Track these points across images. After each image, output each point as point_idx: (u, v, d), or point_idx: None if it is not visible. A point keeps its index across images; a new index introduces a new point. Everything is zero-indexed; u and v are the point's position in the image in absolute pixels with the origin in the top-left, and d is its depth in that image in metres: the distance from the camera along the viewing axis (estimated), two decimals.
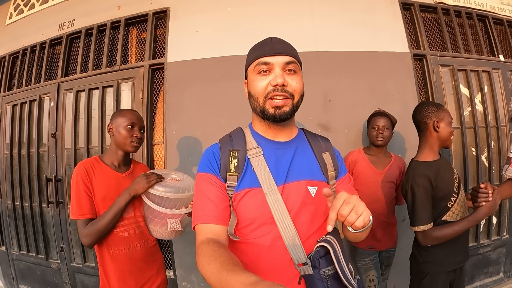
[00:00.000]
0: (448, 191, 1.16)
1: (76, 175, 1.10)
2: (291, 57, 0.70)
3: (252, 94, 0.71)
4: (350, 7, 1.98)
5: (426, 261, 1.20)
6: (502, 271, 2.20)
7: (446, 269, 1.18)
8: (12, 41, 2.56)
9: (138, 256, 1.16)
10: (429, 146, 1.21)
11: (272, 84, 0.67)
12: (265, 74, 0.69)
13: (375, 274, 1.64)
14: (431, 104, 1.23)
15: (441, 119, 1.18)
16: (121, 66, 2.08)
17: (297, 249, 0.66)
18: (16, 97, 2.46)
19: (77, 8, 2.30)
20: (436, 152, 1.22)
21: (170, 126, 1.92)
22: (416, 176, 1.15)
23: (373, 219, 1.71)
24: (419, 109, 1.24)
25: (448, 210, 1.17)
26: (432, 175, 1.15)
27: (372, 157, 1.67)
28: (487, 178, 2.16)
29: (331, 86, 1.89)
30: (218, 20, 1.95)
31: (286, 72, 0.69)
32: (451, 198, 1.17)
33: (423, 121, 1.21)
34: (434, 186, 1.14)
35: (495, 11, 2.35)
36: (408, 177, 1.20)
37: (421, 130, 1.25)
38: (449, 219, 1.16)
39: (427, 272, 1.19)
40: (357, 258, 1.69)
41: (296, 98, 0.70)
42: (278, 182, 0.69)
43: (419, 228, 1.13)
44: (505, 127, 2.23)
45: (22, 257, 2.38)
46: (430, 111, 1.20)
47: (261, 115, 0.71)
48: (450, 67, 2.12)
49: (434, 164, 1.18)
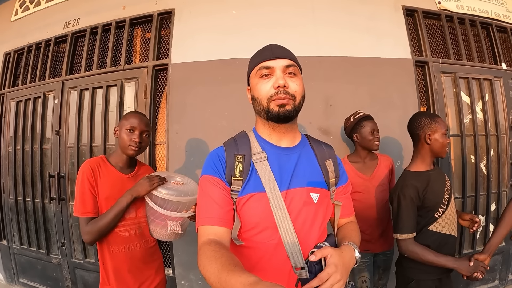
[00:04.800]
0: (436, 202, 1.18)
1: (82, 173, 1.12)
2: (291, 60, 0.73)
3: (256, 97, 0.73)
4: (353, 12, 1.98)
5: (411, 267, 1.21)
6: (497, 278, 2.21)
7: (431, 277, 1.19)
8: (17, 37, 2.58)
9: (137, 255, 1.18)
10: (421, 157, 1.23)
11: (275, 87, 0.70)
12: (267, 78, 0.71)
13: (367, 276, 1.65)
14: (424, 116, 1.23)
15: (434, 132, 1.18)
16: (125, 66, 2.10)
17: (296, 253, 0.68)
18: (20, 93, 2.48)
19: (82, 6, 2.31)
20: (428, 163, 1.23)
21: (172, 127, 1.94)
22: (404, 186, 1.17)
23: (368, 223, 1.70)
24: (413, 121, 1.26)
25: (435, 220, 1.18)
26: (421, 186, 1.16)
27: (358, 164, 1.64)
28: (485, 186, 2.17)
29: (333, 91, 1.90)
30: (223, 22, 1.97)
31: (286, 74, 0.71)
32: (438, 209, 1.18)
33: (416, 132, 1.23)
34: (421, 197, 1.16)
35: (500, 18, 2.35)
36: (397, 186, 1.22)
37: (414, 141, 1.26)
38: (435, 230, 1.18)
39: (411, 278, 1.21)
40: None
41: (297, 99, 0.72)
42: (281, 188, 0.71)
43: (401, 236, 1.16)
44: (505, 135, 2.23)
45: (23, 252, 2.42)
46: (423, 123, 1.20)
47: (265, 116, 0.73)
48: (452, 74, 2.13)
49: (425, 175, 1.20)
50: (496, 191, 2.19)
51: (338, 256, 0.62)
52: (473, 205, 2.14)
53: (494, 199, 2.20)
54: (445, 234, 1.19)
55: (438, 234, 1.18)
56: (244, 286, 0.46)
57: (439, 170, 1.27)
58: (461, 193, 2.10)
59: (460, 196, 2.11)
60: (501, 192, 2.19)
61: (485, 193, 2.17)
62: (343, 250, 0.68)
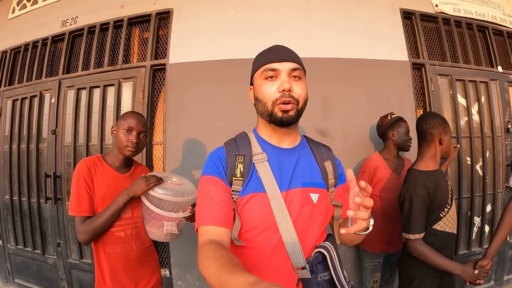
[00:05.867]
0: (443, 202, 1.19)
1: (78, 172, 1.11)
2: (297, 63, 0.73)
3: (260, 99, 0.73)
4: (351, 14, 2.00)
5: (414, 265, 1.24)
6: (493, 278, 2.23)
7: (434, 274, 1.21)
8: (14, 35, 2.57)
9: (133, 256, 1.18)
10: (432, 156, 1.23)
11: (280, 90, 0.69)
12: (272, 80, 0.71)
13: (379, 276, 1.68)
14: (438, 117, 1.23)
15: (446, 133, 1.21)
16: (123, 66, 2.09)
17: (297, 253, 0.69)
18: (16, 92, 2.46)
19: (80, 5, 2.30)
20: (437, 163, 1.24)
21: (170, 127, 1.93)
22: (416, 185, 1.17)
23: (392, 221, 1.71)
24: (427, 119, 1.23)
25: (440, 219, 1.20)
26: (431, 186, 1.17)
27: (389, 162, 1.67)
28: (481, 187, 2.19)
29: (330, 93, 1.91)
30: (221, 23, 1.97)
31: (291, 78, 0.71)
32: (444, 209, 1.20)
33: (430, 131, 1.21)
34: (432, 197, 1.17)
35: (497, 21, 2.37)
36: (408, 185, 1.21)
37: (425, 140, 1.24)
38: (439, 228, 1.20)
39: (415, 276, 1.23)
40: (366, 259, 1.72)
41: (300, 103, 0.72)
42: (281, 188, 0.71)
43: (413, 237, 1.16)
44: (500, 137, 2.25)
45: (18, 252, 2.40)
46: (438, 123, 1.20)
47: (268, 119, 0.73)
48: (448, 77, 2.15)
49: (434, 175, 1.20)
50: (492, 192, 2.22)
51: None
52: (469, 206, 2.16)
53: (490, 200, 2.22)
54: (448, 233, 1.21)
55: (441, 233, 1.20)
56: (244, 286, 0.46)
57: (442, 171, 1.29)
58: (457, 195, 2.12)
59: (456, 197, 2.12)
60: (497, 194, 2.22)
61: (481, 195, 2.19)
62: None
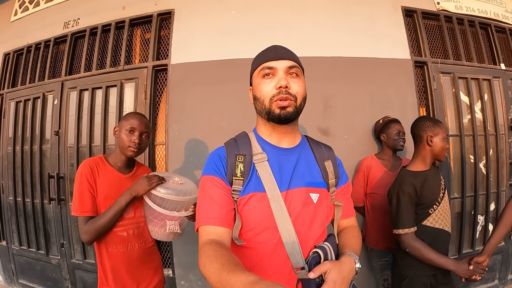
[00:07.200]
0: (432, 199, 1.24)
1: (80, 172, 1.12)
2: (294, 61, 0.73)
3: (258, 97, 0.73)
4: (352, 13, 1.99)
5: (405, 264, 1.27)
6: (497, 278, 2.22)
7: (425, 273, 1.23)
8: (16, 37, 2.58)
9: (135, 255, 1.18)
10: (421, 158, 1.29)
11: (277, 87, 0.70)
12: (269, 78, 0.72)
13: (389, 274, 1.68)
14: (428, 119, 1.30)
15: (435, 134, 1.25)
16: (125, 67, 2.10)
17: (296, 254, 0.68)
18: (19, 94, 2.48)
19: (82, 7, 2.32)
20: (427, 164, 1.28)
21: (172, 127, 1.94)
22: (402, 183, 1.24)
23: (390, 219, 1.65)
24: (417, 122, 1.33)
25: (429, 215, 1.24)
26: (418, 184, 1.23)
27: (385, 161, 1.75)
28: (485, 185, 2.17)
29: (332, 92, 1.90)
30: (222, 23, 1.97)
31: (288, 75, 0.72)
32: (433, 206, 1.24)
33: (418, 134, 1.30)
34: (419, 194, 1.22)
35: (499, 18, 2.36)
36: (395, 183, 1.29)
37: (416, 142, 1.32)
38: (429, 224, 1.24)
39: (406, 275, 1.25)
40: (374, 258, 1.74)
41: (298, 100, 0.72)
42: (281, 188, 0.71)
43: (402, 231, 1.21)
44: (504, 135, 2.24)
45: (22, 252, 2.41)
46: (426, 126, 1.27)
47: (266, 116, 0.73)
48: (451, 74, 2.13)
49: (422, 174, 1.26)
50: (495, 190, 2.20)
51: (337, 271, 0.63)
52: (473, 205, 2.14)
53: (494, 198, 2.20)
54: (438, 229, 1.25)
55: (431, 229, 1.24)
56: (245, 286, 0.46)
57: (435, 170, 1.33)
58: (461, 193, 2.11)
59: (459, 196, 2.11)
60: (500, 192, 2.20)
61: (485, 193, 2.17)
62: (343, 263, 0.68)
